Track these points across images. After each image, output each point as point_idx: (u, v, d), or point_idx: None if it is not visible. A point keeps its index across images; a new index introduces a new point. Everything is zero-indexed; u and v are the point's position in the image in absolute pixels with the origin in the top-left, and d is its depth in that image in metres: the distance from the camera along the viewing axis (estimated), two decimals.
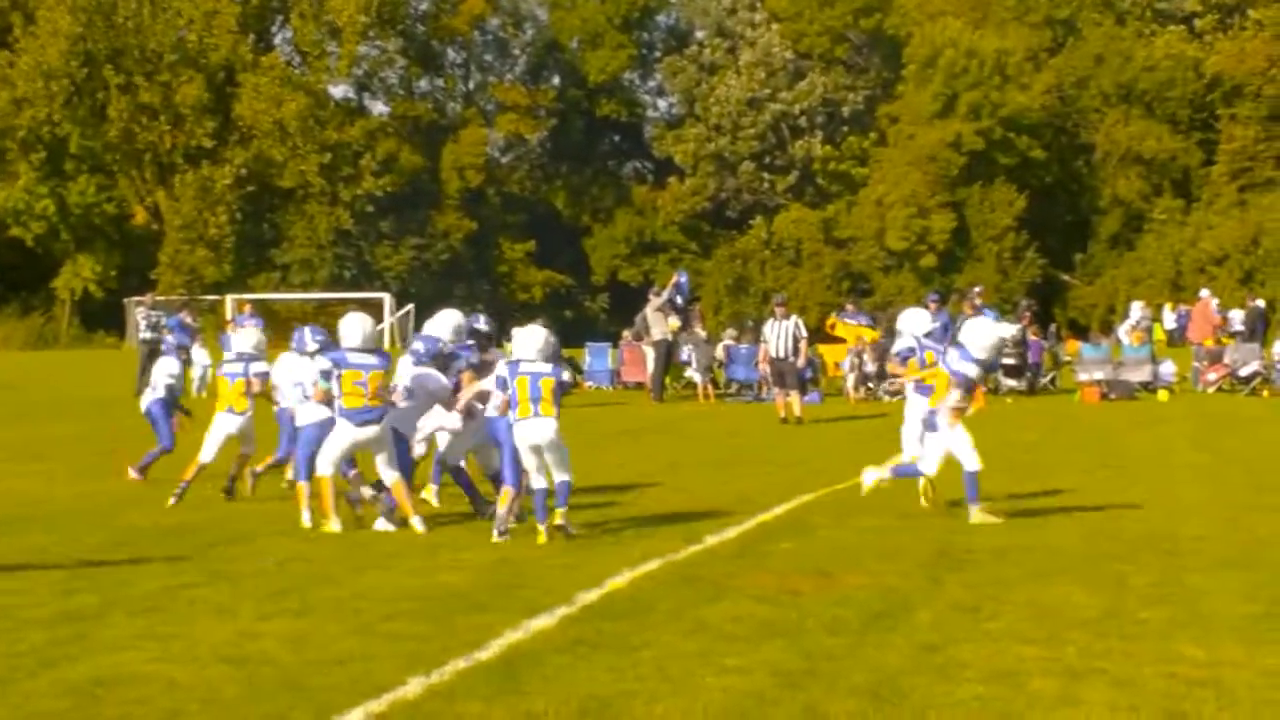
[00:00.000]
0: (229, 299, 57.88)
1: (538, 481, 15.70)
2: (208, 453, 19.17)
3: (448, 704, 9.03)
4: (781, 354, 31.90)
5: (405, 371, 17.57)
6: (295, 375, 18.43)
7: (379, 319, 62.98)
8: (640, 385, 39.78)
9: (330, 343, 17.76)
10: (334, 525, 16.24)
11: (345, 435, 16.42)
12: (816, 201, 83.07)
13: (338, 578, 13.25)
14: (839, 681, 9.50)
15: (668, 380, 37.59)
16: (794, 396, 31.16)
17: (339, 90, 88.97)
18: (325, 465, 16.45)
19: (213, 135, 78.59)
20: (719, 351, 39.10)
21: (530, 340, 16.13)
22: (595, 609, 11.85)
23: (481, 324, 18.54)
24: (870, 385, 37.15)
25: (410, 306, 66.79)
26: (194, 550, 14.80)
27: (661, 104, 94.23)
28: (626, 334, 42.23)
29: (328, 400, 16.56)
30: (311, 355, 17.87)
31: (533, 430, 15.63)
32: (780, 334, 32.19)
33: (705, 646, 10.47)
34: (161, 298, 52.47)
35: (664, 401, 36.21)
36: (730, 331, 41.48)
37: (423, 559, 14.25)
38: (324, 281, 79.15)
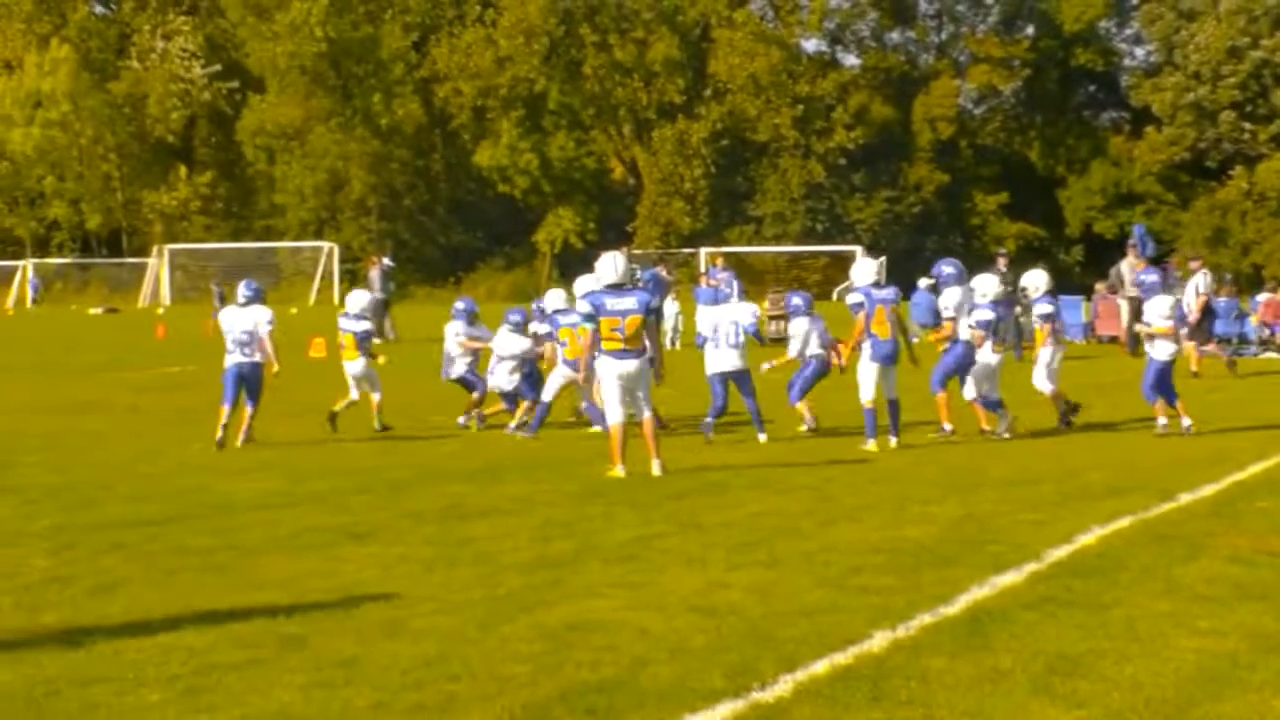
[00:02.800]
0: (702, 252, 58.64)
1: (869, 395, 19.12)
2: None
3: (913, 658, 9.00)
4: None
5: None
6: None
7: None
8: (1114, 339, 39.08)
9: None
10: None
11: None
12: None
13: (806, 530, 13.33)
14: None
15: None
16: (1189, 347, 30.79)
17: (811, 44, 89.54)
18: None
19: (684, 91, 79.88)
20: None
21: (868, 271, 19.75)
22: (1064, 566, 11.68)
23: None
24: None
25: (882, 259, 66.76)
26: (665, 501, 15.08)
27: (1139, 52, 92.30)
28: (1100, 286, 41.43)
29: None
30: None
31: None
32: (1188, 288, 32.47)
33: (1177, 607, 10.23)
34: (638, 250, 53.52)
35: (1138, 355, 35.51)
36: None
37: (890, 512, 14.26)
38: (796, 234, 79.69)
